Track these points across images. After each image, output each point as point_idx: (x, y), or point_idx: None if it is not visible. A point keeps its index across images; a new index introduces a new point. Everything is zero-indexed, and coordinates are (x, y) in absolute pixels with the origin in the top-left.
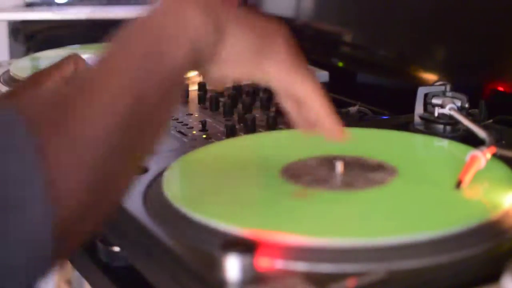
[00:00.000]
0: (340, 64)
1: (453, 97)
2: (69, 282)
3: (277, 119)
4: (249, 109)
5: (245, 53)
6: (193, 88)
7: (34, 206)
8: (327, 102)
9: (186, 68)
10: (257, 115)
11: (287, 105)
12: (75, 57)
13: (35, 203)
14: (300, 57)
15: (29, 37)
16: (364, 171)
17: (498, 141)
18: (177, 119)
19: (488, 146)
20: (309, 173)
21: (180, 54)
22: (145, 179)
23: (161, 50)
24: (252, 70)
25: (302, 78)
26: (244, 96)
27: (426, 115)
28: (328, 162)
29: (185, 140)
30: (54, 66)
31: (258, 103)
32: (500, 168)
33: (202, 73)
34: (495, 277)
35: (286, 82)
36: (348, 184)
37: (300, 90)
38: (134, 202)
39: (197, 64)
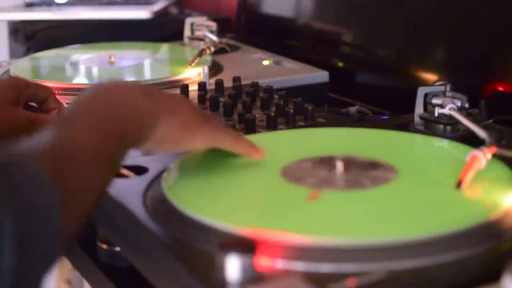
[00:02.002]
0: (340, 64)
1: (453, 97)
2: (69, 282)
3: (277, 119)
4: (249, 109)
5: (172, 133)
6: (193, 88)
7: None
8: (240, 144)
9: (131, 144)
10: (257, 115)
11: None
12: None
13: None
14: (211, 120)
15: (29, 37)
16: (364, 171)
17: (498, 141)
18: None
19: (489, 146)
20: (310, 174)
21: (129, 132)
22: (145, 179)
23: (117, 127)
24: (182, 146)
25: (221, 138)
26: (244, 96)
27: (426, 115)
28: (328, 162)
29: None
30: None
31: (258, 103)
32: (500, 168)
33: (142, 150)
34: (495, 277)
35: (208, 144)
36: (347, 184)
37: (221, 146)
38: (134, 202)
39: (138, 142)
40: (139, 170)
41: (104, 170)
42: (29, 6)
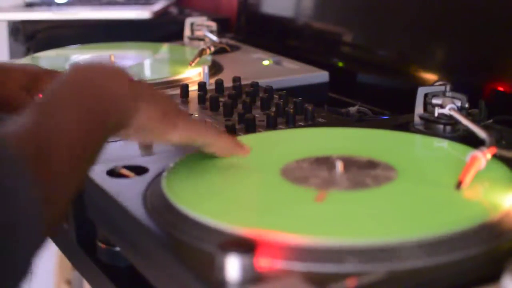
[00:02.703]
0: (340, 64)
1: (453, 97)
2: (69, 282)
3: (277, 119)
4: (249, 109)
5: (153, 122)
6: (193, 88)
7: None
8: (222, 141)
9: (112, 127)
10: (257, 115)
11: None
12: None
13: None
14: (189, 116)
15: (29, 37)
16: (363, 171)
17: (498, 141)
18: None
19: (488, 146)
20: (309, 174)
21: (110, 114)
22: (145, 179)
23: (101, 110)
24: (160, 135)
25: (200, 132)
26: (244, 96)
27: (426, 115)
28: (328, 162)
29: None
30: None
31: (258, 103)
32: (500, 169)
33: (122, 137)
34: (495, 277)
35: (188, 137)
36: (347, 184)
37: (200, 140)
38: (134, 202)
39: (118, 126)
40: (139, 170)
41: (84, 156)
42: (29, 6)
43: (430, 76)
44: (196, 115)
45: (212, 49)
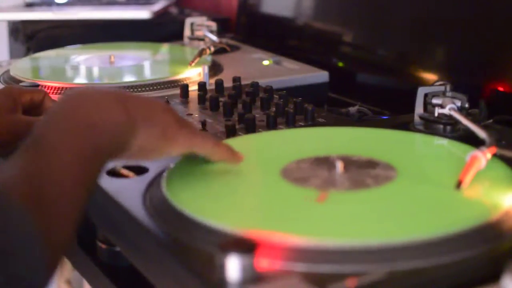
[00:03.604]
0: (340, 64)
1: (453, 97)
2: (69, 282)
3: (277, 119)
4: (249, 109)
5: (152, 141)
6: (193, 88)
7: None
8: (219, 149)
9: (109, 156)
10: (257, 115)
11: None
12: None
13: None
14: (189, 126)
15: (29, 37)
16: (363, 172)
17: (498, 141)
18: None
19: (489, 146)
20: (310, 174)
21: (106, 145)
22: (145, 179)
23: (94, 141)
24: (158, 153)
25: (199, 143)
26: (244, 96)
27: (426, 115)
28: (328, 162)
29: None
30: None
31: (258, 103)
32: (500, 168)
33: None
34: (495, 277)
35: (187, 150)
36: (347, 184)
37: (199, 151)
38: (134, 202)
39: (116, 153)
40: (139, 170)
41: (81, 187)
42: (29, 6)
43: (430, 76)
44: (196, 115)
45: (212, 49)
